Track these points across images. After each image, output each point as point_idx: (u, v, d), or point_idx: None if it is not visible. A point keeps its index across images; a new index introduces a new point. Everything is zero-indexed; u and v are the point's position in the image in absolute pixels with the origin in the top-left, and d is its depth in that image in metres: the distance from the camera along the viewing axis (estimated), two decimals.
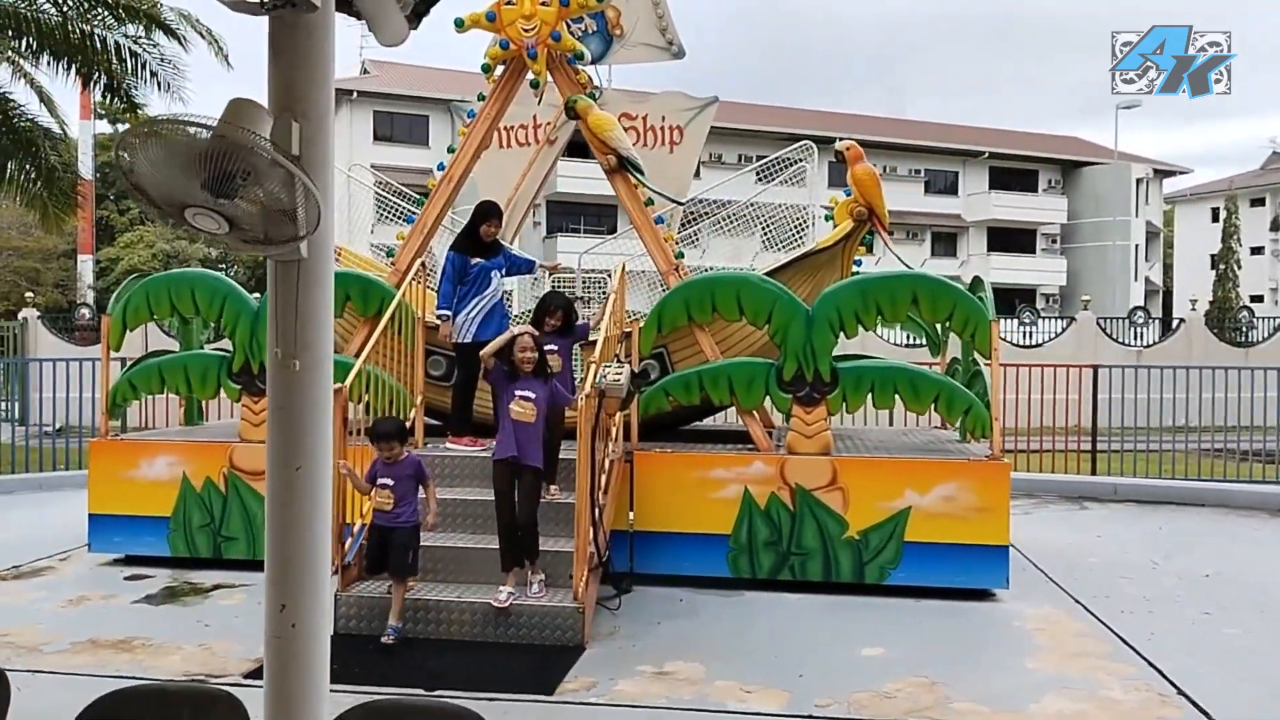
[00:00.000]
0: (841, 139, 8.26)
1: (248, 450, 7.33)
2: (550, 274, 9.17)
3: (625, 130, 9.03)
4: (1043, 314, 36.93)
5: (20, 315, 20.41)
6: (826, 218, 8.19)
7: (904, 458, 7.14)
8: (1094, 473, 12.04)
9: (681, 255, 7.82)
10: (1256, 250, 60.10)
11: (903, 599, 6.75)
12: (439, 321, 7.14)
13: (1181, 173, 56.55)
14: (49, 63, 15.84)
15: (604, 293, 9.23)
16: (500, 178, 9.23)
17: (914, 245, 49.93)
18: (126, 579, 7.15)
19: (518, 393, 5.82)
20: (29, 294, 23.92)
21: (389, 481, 5.70)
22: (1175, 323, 25.74)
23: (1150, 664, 5.51)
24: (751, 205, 9.03)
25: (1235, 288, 52.56)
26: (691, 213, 9.50)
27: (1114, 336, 24.30)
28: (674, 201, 7.92)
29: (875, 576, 6.87)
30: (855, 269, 8.02)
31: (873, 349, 13.40)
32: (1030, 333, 24.75)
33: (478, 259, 7.11)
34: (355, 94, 39.12)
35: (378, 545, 5.78)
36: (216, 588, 6.90)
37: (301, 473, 3.15)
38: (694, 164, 9.27)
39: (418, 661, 5.50)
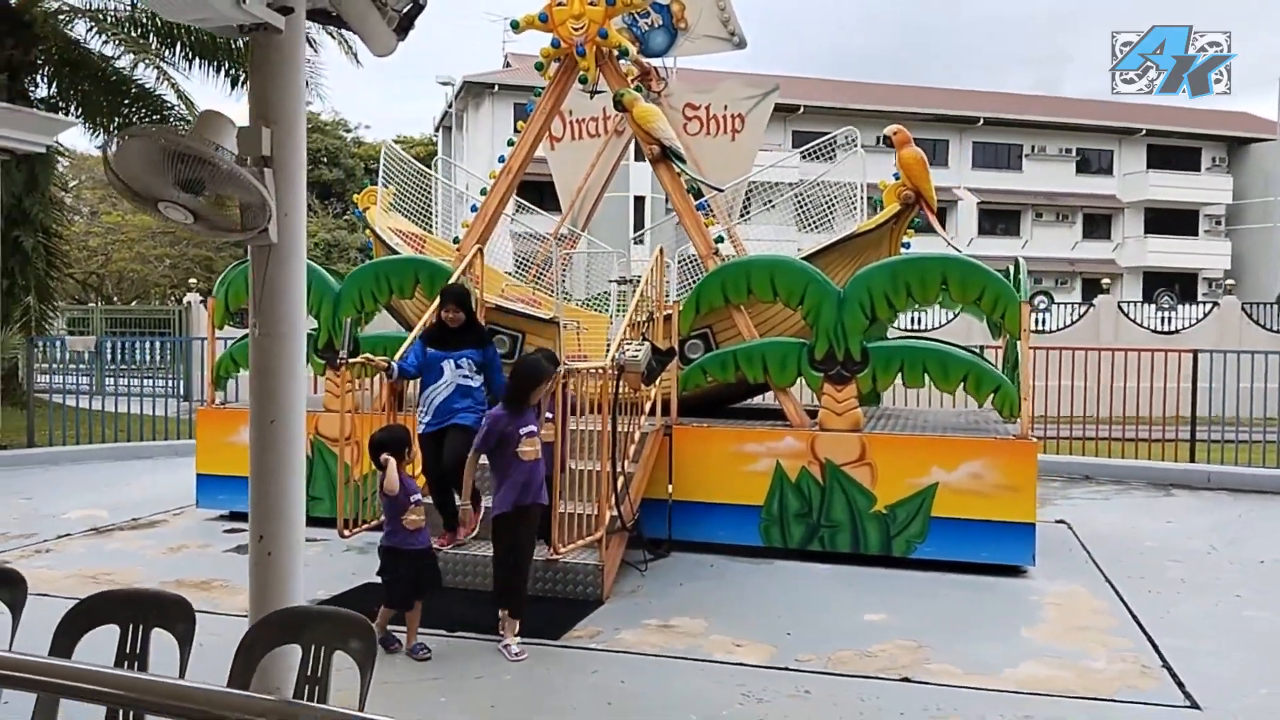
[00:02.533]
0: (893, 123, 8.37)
1: (330, 419, 8.12)
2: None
3: (689, 120, 9.44)
4: (1203, 299, 34.94)
5: (185, 300, 22.35)
6: (875, 201, 8.35)
7: (932, 435, 7.29)
8: (1192, 460, 11.63)
9: (721, 240, 8.14)
10: None
11: (931, 573, 6.93)
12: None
13: None
14: (200, 65, 17.42)
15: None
16: (572, 169, 9.76)
17: (1064, 228, 47.99)
18: (225, 532, 8.07)
19: (522, 433, 5.35)
20: (192, 280, 26.08)
21: (422, 498, 5.43)
22: None
23: (1150, 640, 5.57)
24: (817, 185, 9.21)
25: None
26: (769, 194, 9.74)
27: (1261, 323, 22.91)
28: (714, 189, 8.23)
29: (902, 550, 7.06)
30: (903, 250, 8.18)
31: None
32: (1169, 318, 23.60)
33: (435, 349, 6.48)
34: (496, 87, 40.52)
35: (410, 571, 5.26)
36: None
37: (275, 425, 3.77)
38: (756, 150, 9.54)
39: (444, 609, 6.07)
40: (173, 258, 36.19)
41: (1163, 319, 23.80)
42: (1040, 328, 22.68)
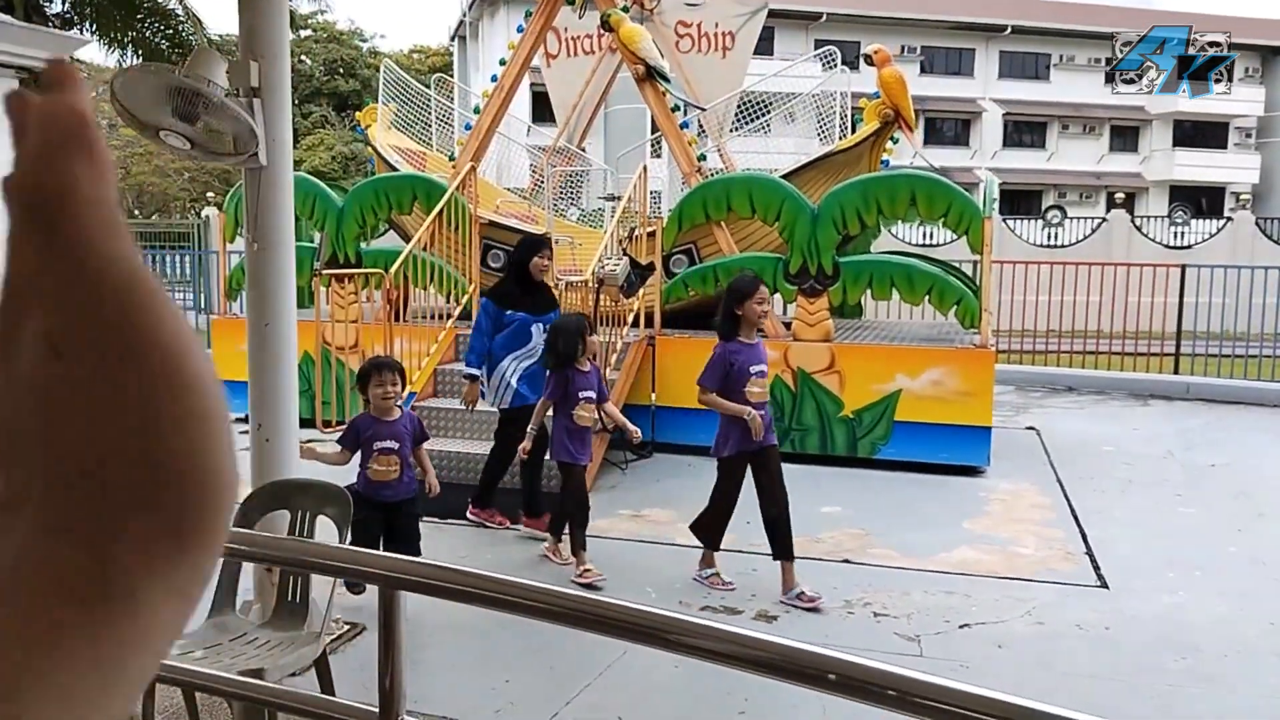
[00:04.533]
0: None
1: (337, 328, 8.65)
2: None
3: (681, 37, 9.68)
4: (1231, 213, 34.64)
5: (203, 213, 22.88)
6: (856, 119, 8.63)
7: (897, 345, 7.73)
8: (1176, 372, 12.00)
9: (704, 158, 8.48)
10: None
11: (893, 472, 7.44)
12: (465, 382, 5.90)
13: None
14: None
15: None
16: (568, 85, 10.06)
17: (1091, 140, 47.29)
18: (242, 433, 8.67)
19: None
20: (209, 194, 26.55)
21: (393, 445, 4.50)
22: None
23: (1081, 531, 6.07)
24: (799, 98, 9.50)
25: None
26: (762, 105, 9.98)
27: (1273, 238, 22.89)
28: (698, 108, 8.54)
29: (867, 451, 7.57)
30: (883, 167, 8.50)
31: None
32: (1182, 233, 23.62)
33: (518, 311, 5.78)
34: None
35: (375, 524, 4.53)
36: (308, 442, 8.32)
37: (269, 328, 4.28)
38: (746, 67, 9.78)
39: (447, 499, 6.63)
40: (191, 170, 36.58)
41: (1176, 234, 23.83)
42: (1054, 242, 22.84)
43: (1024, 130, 46.93)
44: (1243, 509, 6.67)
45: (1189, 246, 22.60)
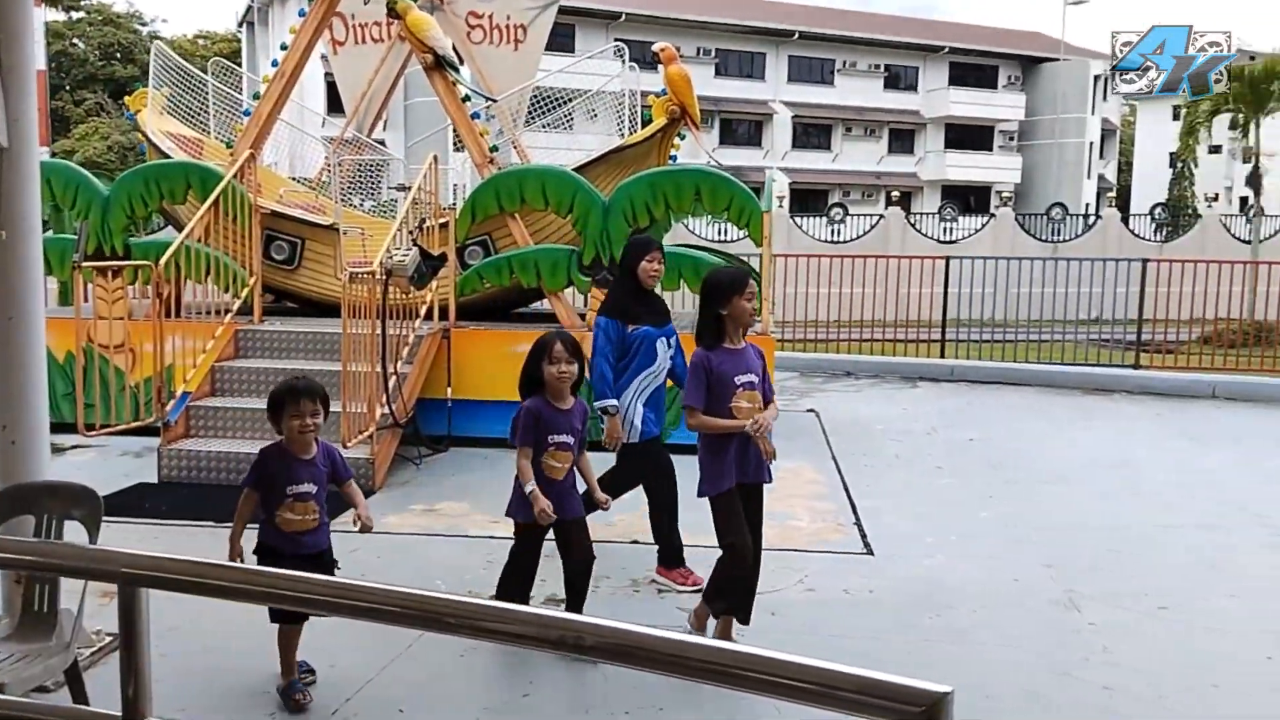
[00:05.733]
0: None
1: (103, 325, 8.09)
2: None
3: (473, 28, 9.62)
4: (995, 210, 37.51)
5: None
6: (645, 116, 8.85)
7: (684, 333, 7.96)
8: (942, 356, 12.96)
9: (496, 149, 8.49)
10: (1215, 150, 60.53)
11: (685, 456, 7.66)
12: (605, 415, 4.97)
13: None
14: None
15: None
16: (355, 74, 9.80)
17: (872, 142, 50.22)
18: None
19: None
20: None
21: (310, 489, 3.73)
22: (1093, 219, 26.56)
23: (851, 504, 6.48)
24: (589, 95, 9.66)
25: (1191, 186, 53.12)
26: (557, 99, 10.04)
27: (1031, 232, 25.11)
28: (488, 98, 8.54)
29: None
30: (671, 163, 8.74)
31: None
32: (951, 229, 25.49)
33: (640, 325, 4.93)
34: None
35: None
36: (74, 447, 7.76)
37: (13, 321, 3.97)
38: (538, 60, 9.83)
39: (223, 501, 6.38)
40: None
41: (946, 229, 25.70)
42: (837, 238, 24.16)
43: (811, 132, 49.29)
44: (995, 478, 7.31)
45: (957, 241, 24.47)
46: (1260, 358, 12.94)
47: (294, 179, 10.06)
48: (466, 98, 8.22)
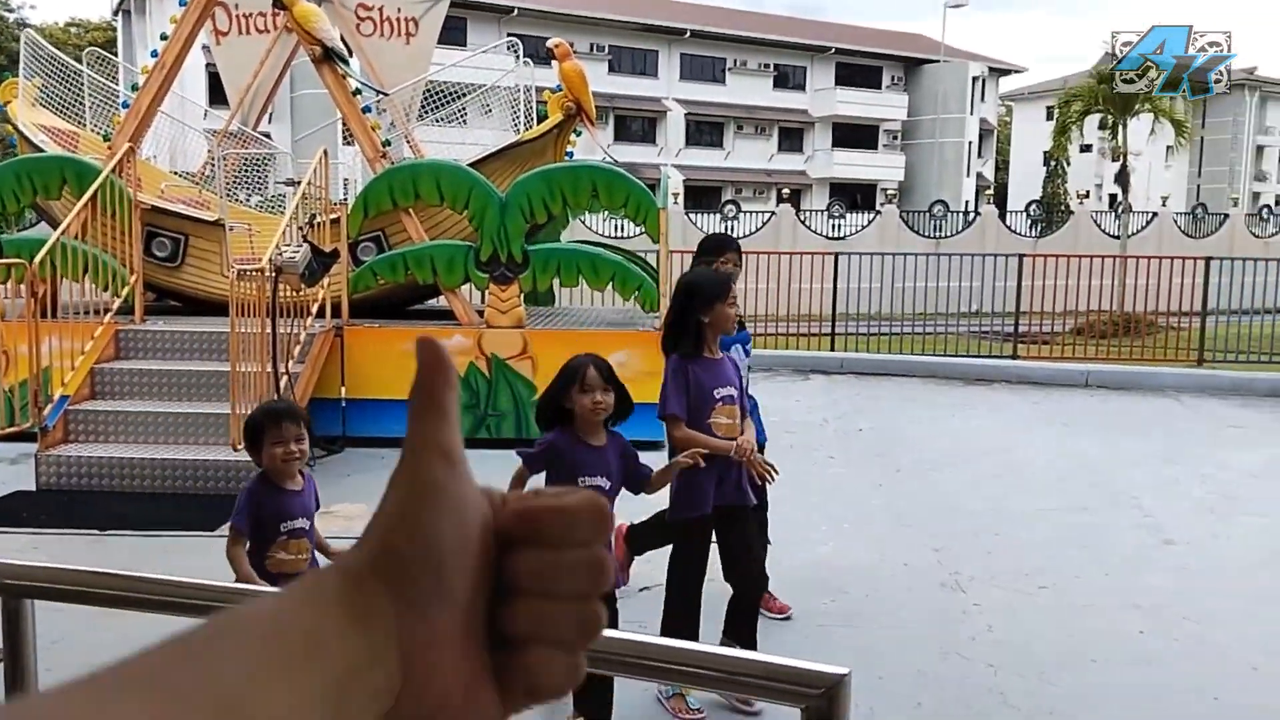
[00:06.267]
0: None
1: None
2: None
3: (362, 20, 9.44)
4: (880, 207, 38.50)
5: None
6: (540, 112, 8.83)
7: (585, 329, 8.03)
8: (833, 349, 13.29)
9: (388, 143, 8.36)
10: (1086, 149, 63.54)
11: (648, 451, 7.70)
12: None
13: (1017, 71, 58.86)
14: None
15: None
16: (240, 66, 9.51)
17: (762, 140, 51.07)
18: None
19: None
20: None
21: (303, 524, 3.29)
22: (972, 216, 27.60)
23: None
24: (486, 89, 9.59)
25: (1064, 184, 55.61)
26: (450, 94, 9.91)
27: (914, 229, 25.93)
28: (379, 92, 8.41)
29: None
30: (567, 159, 8.75)
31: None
32: (839, 225, 26.13)
33: None
34: None
35: None
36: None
37: None
38: (430, 54, 9.70)
39: (107, 508, 6.15)
40: None
41: (834, 226, 26.34)
42: (729, 234, 24.48)
43: (704, 130, 49.84)
44: (884, 466, 7.55)
45: (845, 237, 25.10)
46: (1129, 347, 13.68)
47: (176, 173, 9.72)
48: (357, 91, 8.07)
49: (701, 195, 45.18)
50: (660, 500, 3.95)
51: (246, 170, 9.93)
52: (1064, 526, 6.10)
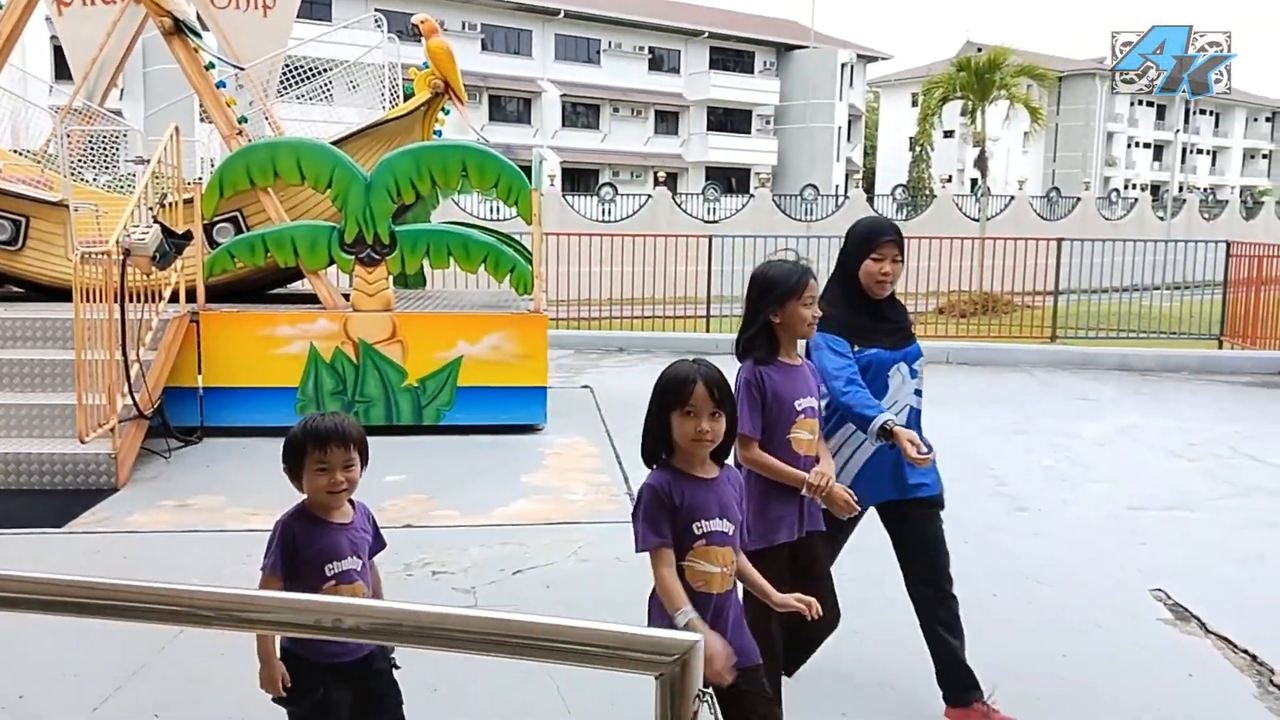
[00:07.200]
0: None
1: None
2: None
3: None
4: (754, 191, 39.13)
5: None
6: (408, 90, 8.61)
7: (458, 312, 7.90)
8: (709, 331, 13.45)
9: (244, 120, 8.03)
10: (949, 134, 65.96)
11: (459, 436, 7.59)
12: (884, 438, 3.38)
13: (884, 58, 60.62)
14: None
15: None
16: (84, 39, 8.96)
17: (639, 123, 51.25)
18: None
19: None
20: None
21: (355, 564, 2.69)
22: (842, 199, 28.35)
23: (624, 474, 6.63)
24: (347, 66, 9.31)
25: (928, 168, 57.64)
26: (313, 70, 9.55)
27: (787, 212, 26.47)
28: (234, 66, 8.06)
29: (433, 418, 7.65)
30: (435, 137, 8.56)
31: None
32: (713, 209, 26.44)
33: (869, 346, 3.56)
34: None
35: (347, 707, 2.68)
36: None
37: None
38: (290, 28, 9.35)
39: None
40: None
41: (709, 209, 26.64)
42: (608, 217, 24.50)
43: (580, 112, 49.69)
44: None
45: (720, 220, 25.43)
46: (988, 325, 14.27)
47: (17, 152, 9.11)
48: (211, 65, 7.71)
49: (579, 177, 45.06)
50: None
51: (93, 148, 9.38)
52: None
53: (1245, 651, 4.13)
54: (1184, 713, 3.67)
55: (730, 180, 49.36)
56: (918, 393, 3.72)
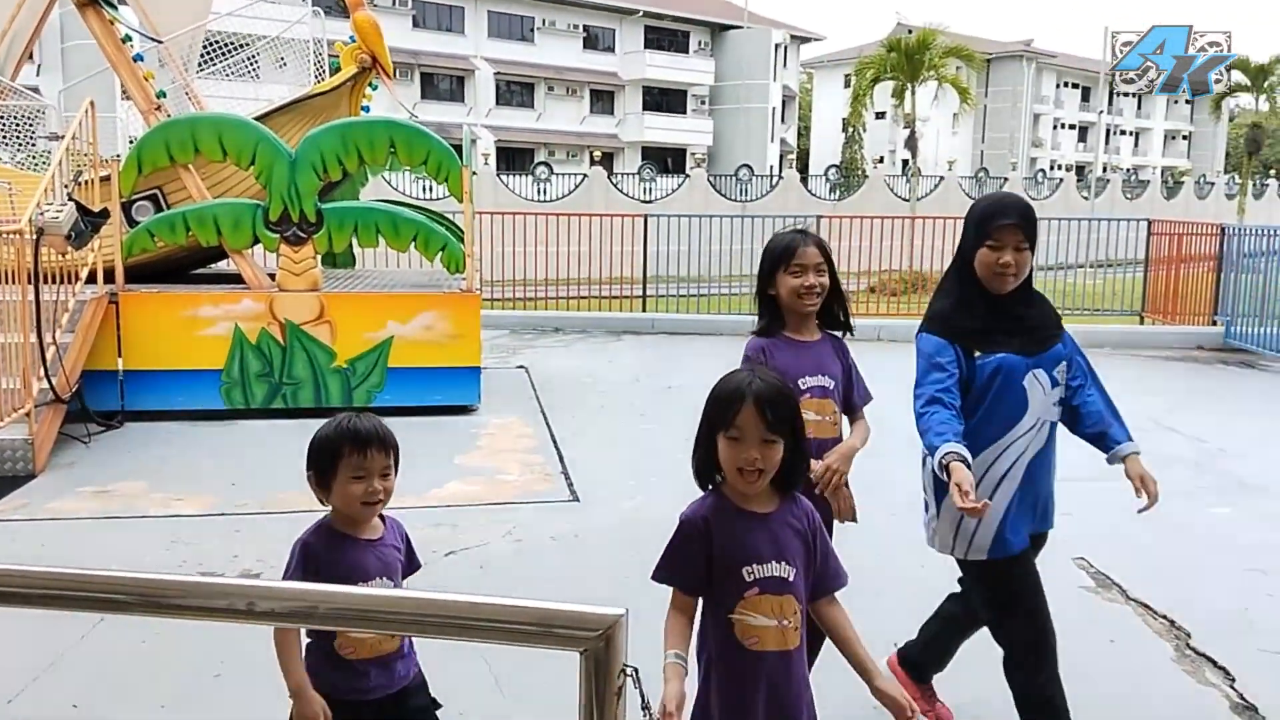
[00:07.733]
0: None
1: None
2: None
3: None
4: (690, 171, 39.20)
5: None
6: (334, 65, 8.42)
7: (387, 292, 7.78)
8: (645, 310, 13.45)
9: (163, 94, 7.79)
10: (880, 115, 66.69)
11: (392, 418, 7.42)
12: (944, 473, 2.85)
13: (817, 39, 60.97)
14: None
15: None
16: None
17: (574, 102, 50.87)
18: None
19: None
20: None
21: (385, 585, 2.43)
22: (776, 180, 28.52)
23: (559, 453, 6.61)
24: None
25: (861, 149, 58.23)
26: (236, 44, 9.30)
27: (722, 192, 26.55)
28: (152, 39, 7.80)
29: (363, 400, 7.53)
30: (363, 113, 8.39)
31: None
32: (649, 189, 26.40)
33: (990, 351, 2.96)
34: None
35: None
36: None
37: None
38: (210, 1, 9.08)
39: None
40: None
41: (645, 189, 26.58)
42: (543, 197, 24.32)
43: (515, 90, 49.17)
44: (691, 421, 7.66)
45: (655, 200, 25.41)
46: (918, 304, 14.48)
47: None
48: (127, 38, 7.44)
49: (514, 156, 44.65)
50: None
51: (6, 124, 9.03)
52: (854, 472, 6.39)
53: (1164, 617, 4.27)
54: (1106, 676, 3.78)
55: (666, 160, 49.31)
56: (1060, 403, 3.02)
